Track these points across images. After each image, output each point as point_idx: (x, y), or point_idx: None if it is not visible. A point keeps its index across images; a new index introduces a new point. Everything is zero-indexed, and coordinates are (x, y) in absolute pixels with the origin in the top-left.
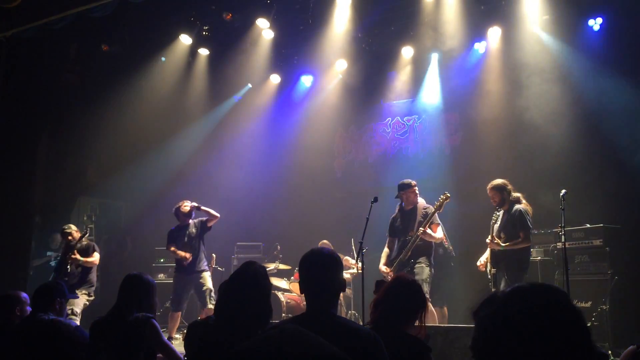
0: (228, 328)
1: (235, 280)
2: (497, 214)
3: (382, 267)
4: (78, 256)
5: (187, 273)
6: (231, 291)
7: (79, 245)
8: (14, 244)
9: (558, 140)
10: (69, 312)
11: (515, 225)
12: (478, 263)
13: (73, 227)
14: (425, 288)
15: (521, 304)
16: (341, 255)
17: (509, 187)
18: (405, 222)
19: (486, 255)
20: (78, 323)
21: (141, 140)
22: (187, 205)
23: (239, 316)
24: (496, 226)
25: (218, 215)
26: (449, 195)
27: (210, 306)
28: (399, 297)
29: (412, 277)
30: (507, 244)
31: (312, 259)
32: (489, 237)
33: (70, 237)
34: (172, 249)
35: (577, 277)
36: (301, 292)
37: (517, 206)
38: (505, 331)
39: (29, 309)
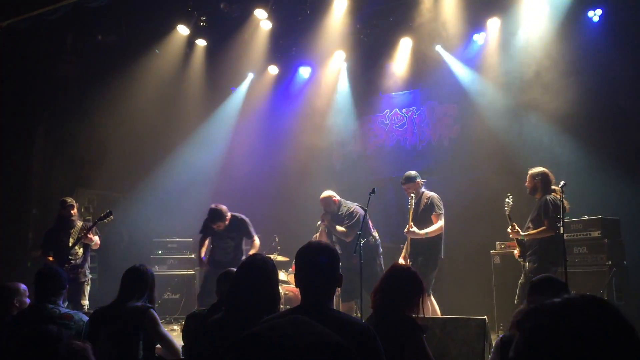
0: (240, 316)
1: (245, 269)
2: (508, 201)
3: (401, 260)
4: (95, 238)
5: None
6: (242, 280)
7: (82, 224)
8: (12, 236)
9: (557, 132)
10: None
11: (540, 214)
12: (515, 252)
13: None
14: (427, 283)
15: (572, 319)
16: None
17: (545, 177)
18: (413, 212)
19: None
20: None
21: (138, 131)
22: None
23: (251, 303)
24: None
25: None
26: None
27: None
28: (393, 284)
29: (407, 266)
30: (526, 233)
31: (309, 252)
32: (509, 227)
33: (73, 212)
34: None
35: (575, 269)
36: (296, 286)
37: (546, 196)
38: (552, 345)
39: (27, 300)
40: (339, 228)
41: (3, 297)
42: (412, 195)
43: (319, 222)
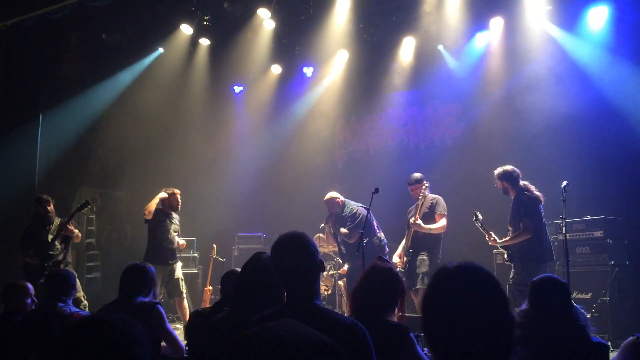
0: (243, 315)
1: (250, 269)
2: (478, 216)
3: (395, 257)
4: (76, 230)
5: (164, 264)
6: (247, 279)
7: (60, 219)
8: (15, 233)
9: (559, 131)
10: (81, 299)
11: (514, 216)
12: (505, 256)
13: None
14: (426, 281)
15: (444, 284)
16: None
17: (515, 174)
18: (413, 214)
19: None
20: (87, 305)
21: (142, 129)
22: (178, 199)
23: (255, 303)
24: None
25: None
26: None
27: (184, 295)
28: (374, 286)
29: (388, 265)
30: (503, 240)
31: (283, 246)
32: (486, 236)
33: (49, 208)
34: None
35: (577, 269)
36: (279, 279)
37: (518, 196)
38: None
39: (29, 300)
40: (342, 230)
41: (13, 295)
42: (420, 196)
43: (323, 224)
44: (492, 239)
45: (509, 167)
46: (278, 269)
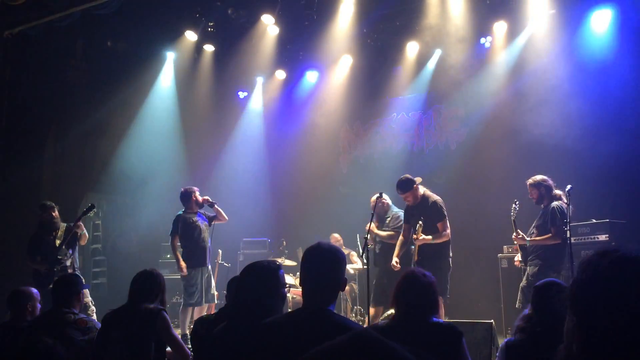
0: (243, 324)
1: (248, 276)
2: (515, 206)
3: (395, 260)
4: (84, 230)
5: (203, 265)
6: (245, 288)
7: (63, 225)
8: (22, 240)
9: (564, 135)
10: (89, 304)
11: (546, 222)
12: (515, 259)
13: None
14: (443, 286)
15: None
16: (347, 251)
17: (547, 183)
18: (418, 211)
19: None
20: (95, 310)
21: (147, 136)
22: (199, 195)
23: (253, 310)
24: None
25: (227, 218)
26: None
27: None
28: (412, 292)
29: (422, 271)
30: (532, 239)
31: (314, 253)
32: (514, 233)
33: (54, 214)
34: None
35: None
36: (300, 285)
37: (553, 203)
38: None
39: (39, 305)
40: (384, 233)
41: (18, 302)
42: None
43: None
44: (519, 236)
45: (539, 177)
46: (303, 272)
